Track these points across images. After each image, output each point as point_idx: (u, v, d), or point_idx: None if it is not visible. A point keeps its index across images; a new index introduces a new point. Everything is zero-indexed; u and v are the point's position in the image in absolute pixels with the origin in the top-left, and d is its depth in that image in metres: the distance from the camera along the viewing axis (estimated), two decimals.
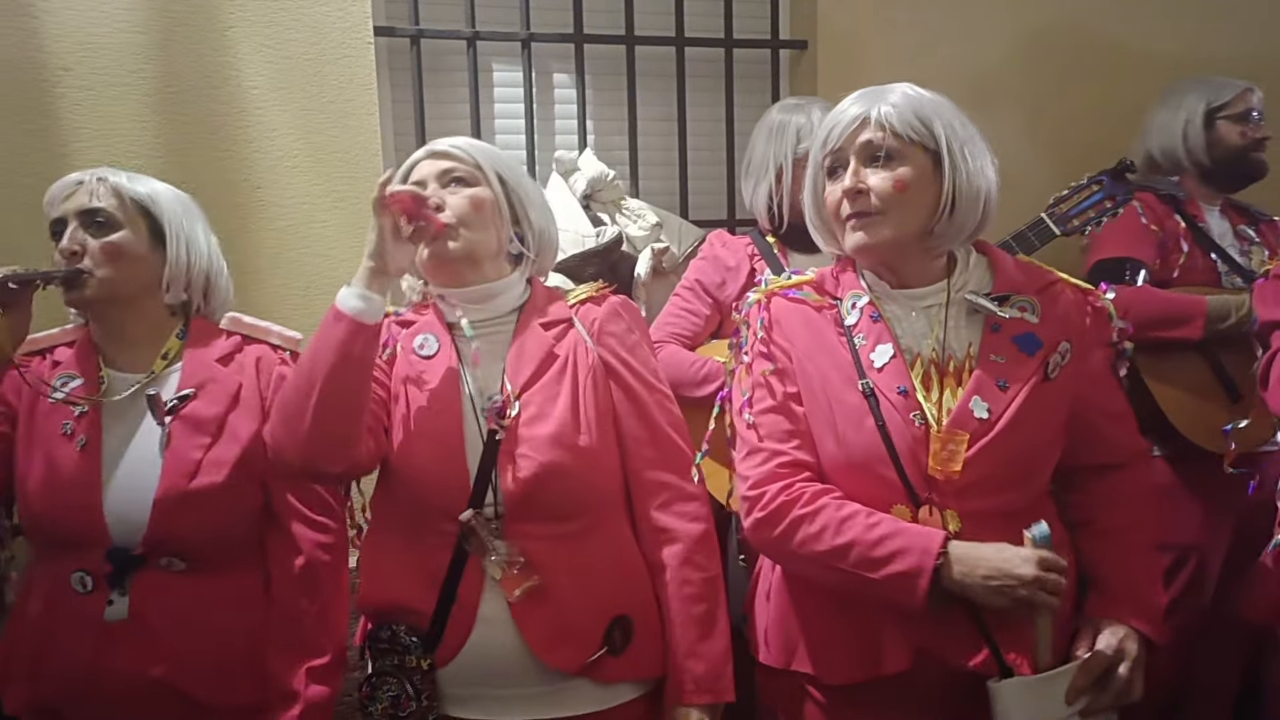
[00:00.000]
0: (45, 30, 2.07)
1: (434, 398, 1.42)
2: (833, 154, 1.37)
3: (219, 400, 1.52)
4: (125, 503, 1.45)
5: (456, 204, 1.42)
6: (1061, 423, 1.37)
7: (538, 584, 1.35)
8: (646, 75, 2.63)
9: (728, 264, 2.09)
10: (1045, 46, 2.76)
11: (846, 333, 1.39)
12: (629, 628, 1.39)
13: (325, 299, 2.21)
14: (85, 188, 1.51)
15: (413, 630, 1.36)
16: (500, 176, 1.46)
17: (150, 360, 1.54)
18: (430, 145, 1.49)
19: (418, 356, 1.45)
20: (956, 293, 1.38)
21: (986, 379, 1.33)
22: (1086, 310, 1.41)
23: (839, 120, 1.37)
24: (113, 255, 1.49)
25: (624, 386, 1.46)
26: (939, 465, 1.30)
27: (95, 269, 1.48)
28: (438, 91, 2.50)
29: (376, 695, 1.37)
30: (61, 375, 1.52)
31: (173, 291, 1.56)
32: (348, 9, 2.23)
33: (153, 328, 1.56)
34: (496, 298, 1.48)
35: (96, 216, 1.49)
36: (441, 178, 1.44)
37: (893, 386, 1.33)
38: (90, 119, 2.11)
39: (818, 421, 1.38)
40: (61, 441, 1.47)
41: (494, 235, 1.45)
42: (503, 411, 1.39)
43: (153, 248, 1.54)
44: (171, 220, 1.55)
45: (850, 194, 1.34)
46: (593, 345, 1.47)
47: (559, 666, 1.35)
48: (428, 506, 1.39)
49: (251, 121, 2.19)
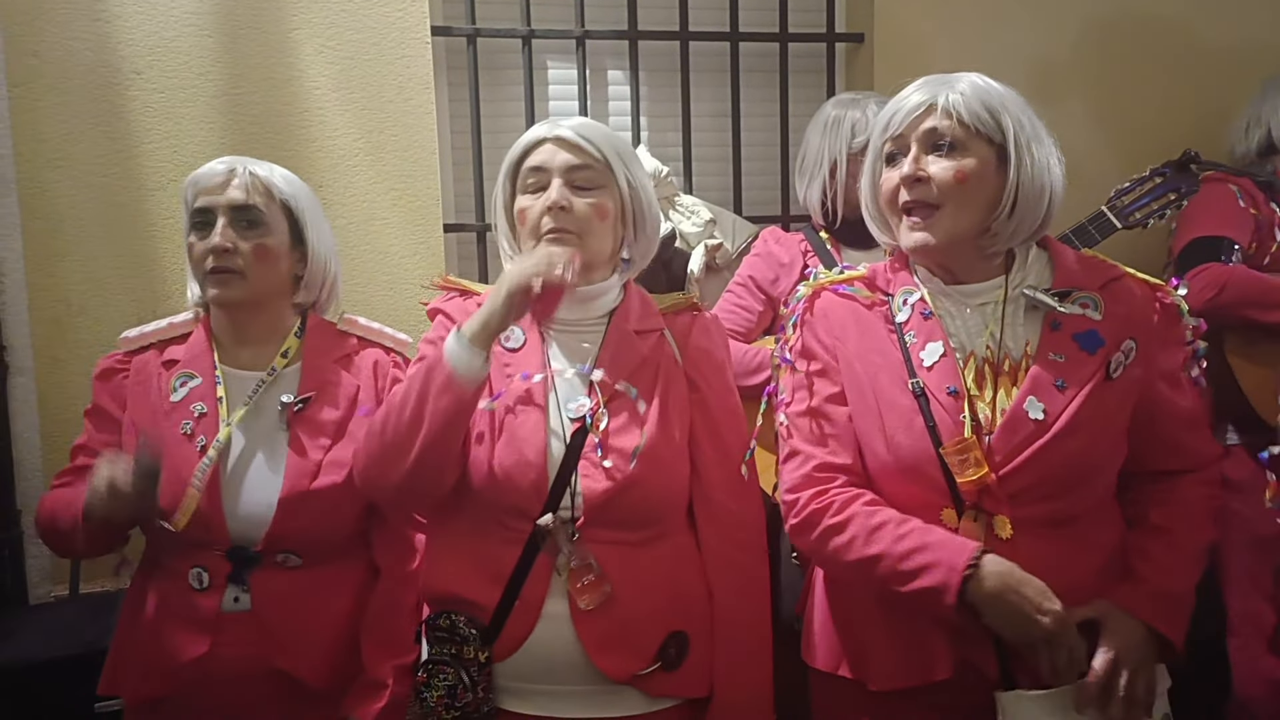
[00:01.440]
0: (118, 35, 2.14)
1: (517, 394, 1.39)
2: (894, 140, 1.34)
3: (338, 403, 1.54)
4: (248, 504, 1.47)
5: (582, 210, 1.38)
6: (1124, 426, 1.31)
7: (610, 594, 1.34)
8: (700, 71, 2.63)
9: (781, 260, 2.09)
10: (1111, 37, 2.70)
11: (898, 330, 1.36)
12: (684, 644, 1.38)
13: (384, 296, 2.29)
14: (237, 181, 1.49)
15: (472, 622, 1.36)
16: (628, 180, 1.42)
17: (268, 358, 1.54)
18: (555, 127, 1.41)
19: (503, 348, 1.42)
20: (1014, 289, 1.33)
21: (1044, 378, 1.28)
22: (1155, 307, 1.35)
23: (903, 105, 1.33)
24: (263, 257, 1.49)
25: (703, 406, 1.44)
26: (959, 475, 1.26)
27: (246, 269, 1.48)
28: (493, 90, 2.53)
29: (432, 682, 1.37)
30: (180, 374, 1.52)
31: (308, 291, 1.58)
32: (406, 9, 2.27)
33: (274, 325, 1.57)
34: (593, 300, 1.44)
35: (248, 214, 1.48)
36: (569, 173, 1.38)
37: (942, 386, 1.30)
38: (160, 120, 2.18)
39: (866, 423, 1.34)
40: (181, 442, 1.46)
41: (611, 243, 1.42)
42: (592, 418, 1.37)
43: (292, 247, 1.55)
44: (311, 220, 1.56)
45: (909, 181, 1.31)
46: (680, 359, 1.45)
47: (610, 674, 1.34)
48: (501, 504, 1.38)
49: (313, 121, 2.25)
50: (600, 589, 1.34)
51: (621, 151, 1.42)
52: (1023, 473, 1.26)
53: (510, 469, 1.35)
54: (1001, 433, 1.27)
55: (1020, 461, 1.26)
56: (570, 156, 1.38)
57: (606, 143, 1.40)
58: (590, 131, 1.40)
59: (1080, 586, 1.26)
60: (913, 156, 1.31)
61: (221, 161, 1.53)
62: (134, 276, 2.19)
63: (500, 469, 1.36)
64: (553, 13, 2.52)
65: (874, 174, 1.39)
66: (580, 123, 1.42)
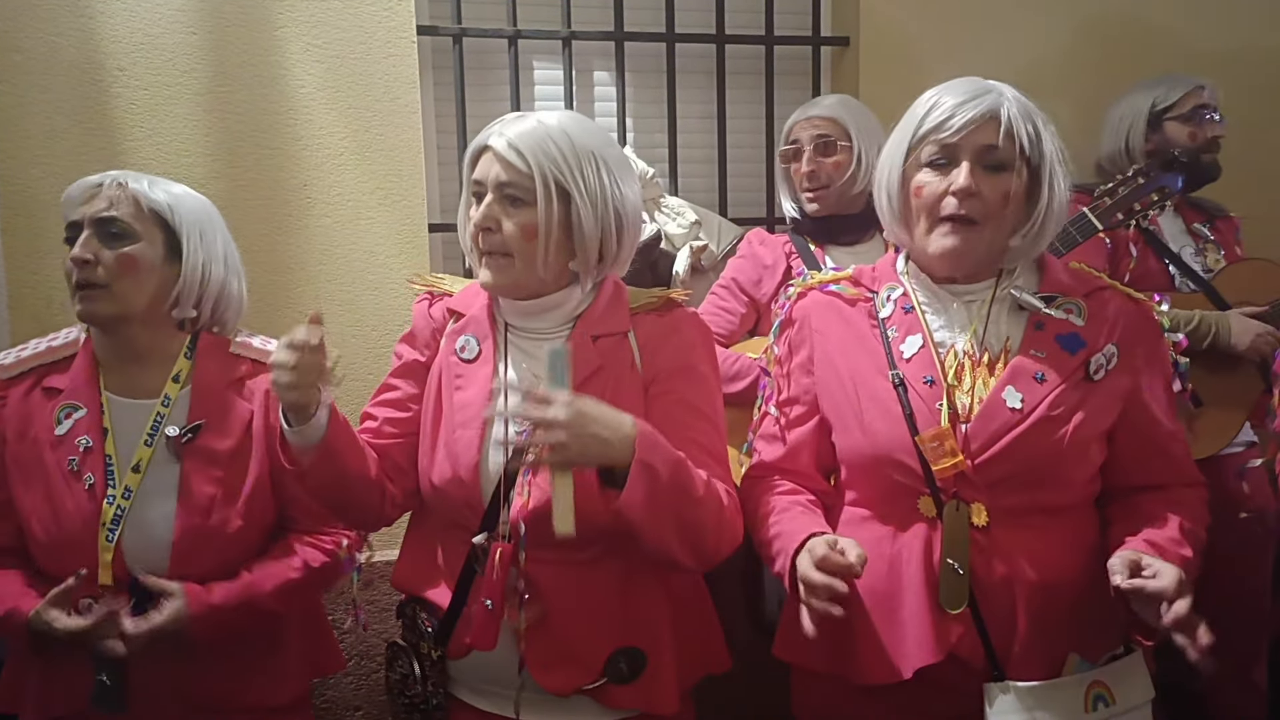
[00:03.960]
0: (102, 31, 2.13)
1: (463, 409, 1.35)
2: (944, 146, 1.30)
3: (230, 432, 1.48)
4: (143, 544, 1.42)
5: (509, 231, 1.30)
6: (1104, 428, 1.32)
7: (542, 614, 1.31)
8: (686, 73, 2.63)
9: (765, 262, 2.10)
10: (1099, 41, 2.72)
11: (880, 325, 1.38)
12: (638, 659, 1.34)
13: (371, 295, 2.29)
14: (104, 193, 1.44)
15: (430, 619, 1.38)
16: (562, 190, 1.29)
17: (156, 382, 1.48)
18: (495, 136, 1.31)
19: (458, 358, 1.38)
20: (1003, 289, 1.35)
21: (1023, 371, 1.30)
22: (1138, 320, 1.36)
23: (959, 112, 1.28)
24: (127, 267, 1.42)
25: (662, 412, 1.34)
26: (934, 463, 1.28)
27: (110, 281, 1.41)
28: (479, 90, 2.53)
29: (392, 665, 1.43)
30: (64, 405, 1.45)
31: (182, 307, 1.49)
32: (393, 8, 2.27)
33: (160, 344, 1.50)
34: (550, 310, 1.37)
35: (112, 226, 1.42)
36: (500, 189, 1.30)
37: (920, 376, 1.32)
38: (144, 118, 2.17)
39: (844, 413, 1.37)
40: (69, 479, 1.42)
41: (552, 258, 1.31)
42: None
43: (167, 260, 1.47)
44: (189, 232, 1.48)
45: (963, 194, 1.28)
46: (640, 364, 1.37)
47: (552, 689, 1.32)
48: (445, 516, 1.39)
49: (299, 120, 2.24)
50: (534, 608, 1.31)
51: (565, 164, 1.28)
52: (998, 461, 1.28)
53: (446, 485, 1.35)
54: (978, 421, 1.29)
55: (996, 450, 1.28)
56: (501, 172, 1.29)
57: (545, 155, 1.27)
58: (525, 143, 1.28)
59: (1059, 580, 1.29)
60: (968, 170, 1.28)
61: (96, 175, 1.48)
62: None
63: (439, 484, 1.36)
64: (539, 13, 2.52)
65: (904, 172, 1.34)
66: (519, 132, 1.29)
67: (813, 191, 2.07)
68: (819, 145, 2.05)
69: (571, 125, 1.32)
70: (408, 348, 1.46)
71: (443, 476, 1.35)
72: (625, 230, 1.36)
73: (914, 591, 1.30)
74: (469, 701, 1.40)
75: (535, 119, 1.31)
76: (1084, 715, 1.27)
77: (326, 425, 1.26)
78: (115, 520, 1.42)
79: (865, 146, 2.04)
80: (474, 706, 1.40)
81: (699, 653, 1.44)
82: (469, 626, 1.34)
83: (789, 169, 2.13)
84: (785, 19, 2.68)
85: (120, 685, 1.40)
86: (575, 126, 1.32)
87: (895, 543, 1.34)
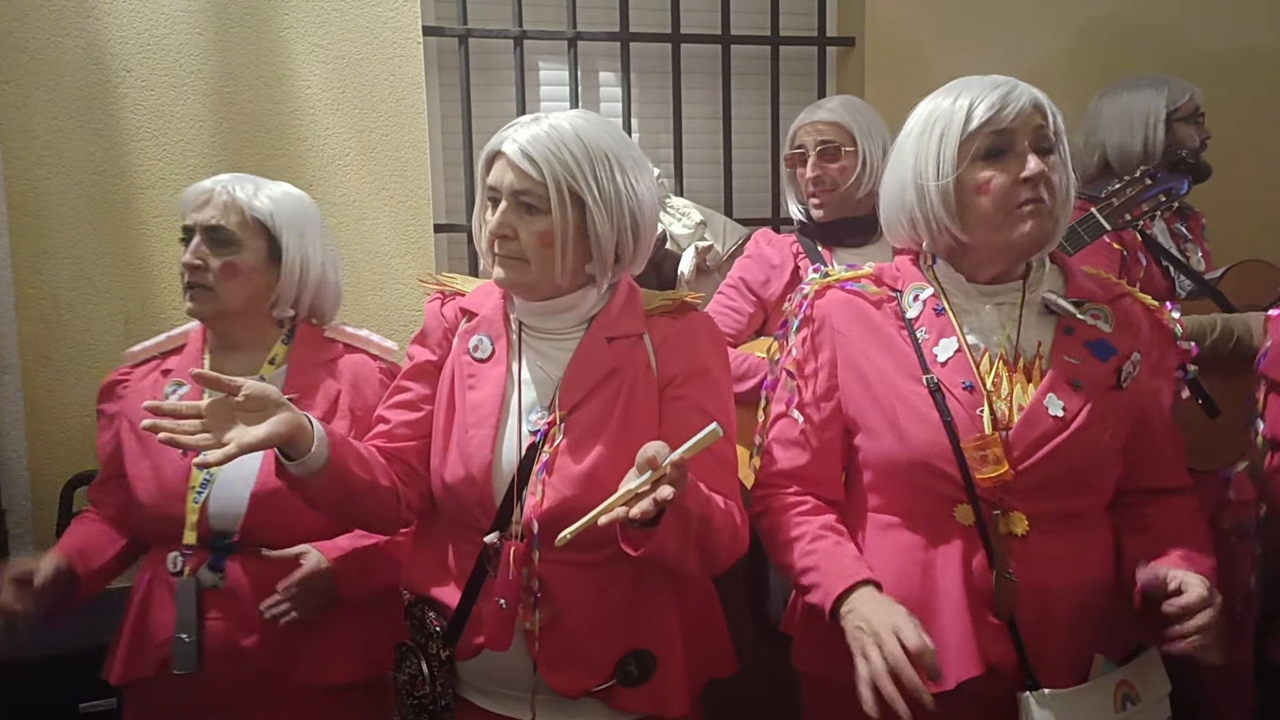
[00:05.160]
0: (108, 32, 2.14)
1: (476, 408, 1.35)
2: (999, 134, 1.25)
3: (319, 406, 1.58)
4: (223, 499, 1.52)
5: (526, 238, 1.30)
6: (1126, 435, 1.32)
7: (554, 614, 1.31)
8: (692, 73, 2.63)
9: (772, 262, 2.10)
10: (1103, 42, 2.71)
11: (908, 326, 1.35)
12: (649, 662, 1.33)
13: (374, 295, 2.29)
14: (213, 201, 1.57)
15: (439, 619, 1.37)
16: (576, 197, 1.29)
17: (256, 364, 1.61)
18: (508, 141, 1.30)
19: (470, 358, 1.38)
20: (1032, 292, 1.33)
21: (1061, 377, 1.28)
22: (1155, 328, 1.37)
23: (1012, 101, 1.25)
24: (231, 274, 1.57)
25: (675, 416, 1.34)
26: (977, 471, 1.26)
27: (215, 285, 1.56)
28: (485, 90, 2.53)
29: (401, 665, 1.42)
30: (172, 382, 1.61)
31: (280, 307, 1.63)
32: (398, 9, 2.27)
33: (259, 336, 1.64)
34: (565, 311, 1.37)
35: (219, 234, 1.56)
36: (514, 196, 1.30)
37: (957, 382, 1.29)
38: (149, 118, 2.17)
39: (873, 417, 1.34)
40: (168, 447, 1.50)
41: (568, 263, 1.31)
42: (546, 435, 1.32)
43: (269, 265, 1.60)
44: (288, 237, 1.60)
45: (1035, 180, 1.24)
46: (655, 366, 1.36)
47: (562, 691, 1.31)
48: (456, 516, 1.38)
49: (304, 120, 2.24)
50: (546, 609, 1.31)
51: (579, 169, 1.28)
52: (1040, 468, 1.26)
53: (457, 485, 1.34)
54: (1020, 428, 1.27)
55: (1039, 457, 1.26)
56: (515, 180, 1.29)
57: (558, 161, 1.27)
58: (538, 150, 1.27)
59: (1089, 583, 1.29)
60: (1033, 154, 1.25)
61: (210, 180, 1.60)
62: (122, 274, 2.18)
63: (451, 483, 1.35)
64: (544, 14, 2.52)
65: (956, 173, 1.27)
66: (531, 138, 1.28)
67: (818, 196, 2.06)
68: (823, 150, 2.04)
69: (584, 127, 1.31)
70: (420, 348, 1.45)
71: (455, 476, 1.34)
72: (641, 230, 1.35)
73: (952, 602, 1.28)
74: (476, 703, 1.39)
75: (548, 123, 1.30)
76: (1115, 715, 1.26)
77: (328, 453, 1.24)
78: (204, 485, 1.53)
79: (870, 149, 2.03)
80: (482, 708, 1.39)
81: (707, 655, 1.43)
82: (480, 626, 1.33)
83: (795, 173, 2.13)
84: (790, 19, 2.68)
85: (199, 644, 1.50)
86: (588, 128, 1.31)
87: (928, 552, 1.31)
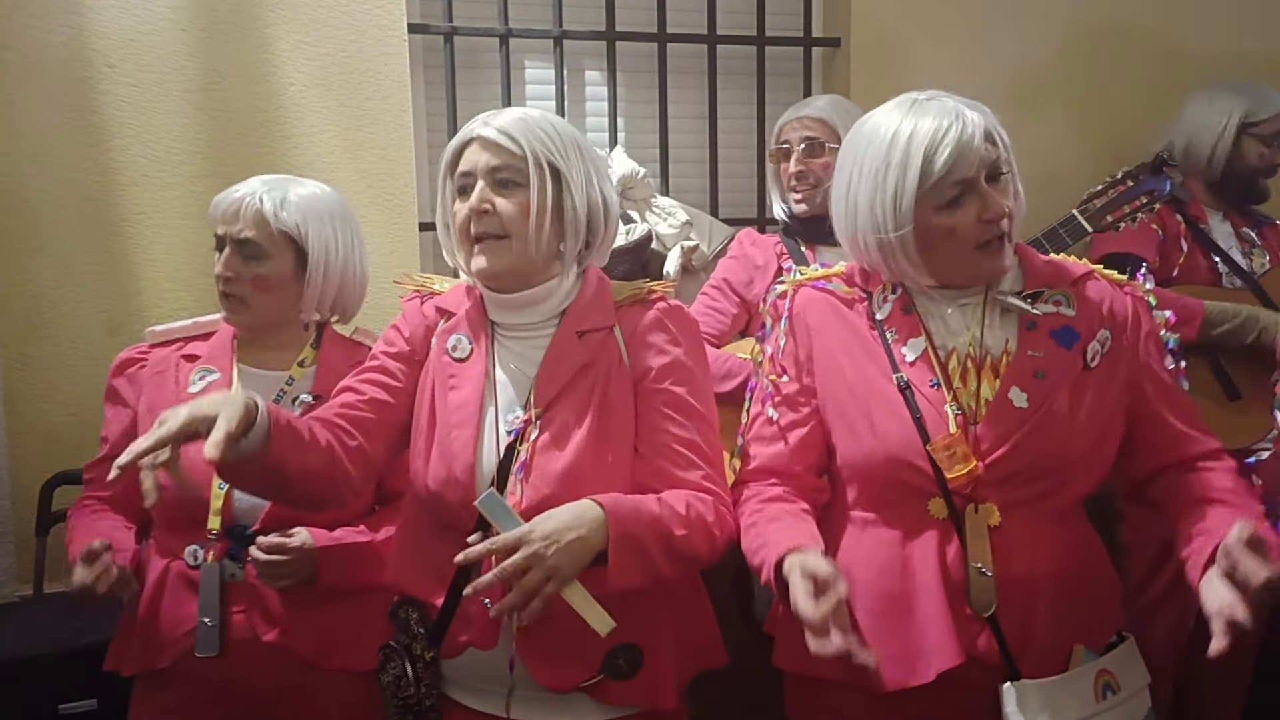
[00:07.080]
0: (92, 28, 2.12)
1: (456, 409, 1.36)
2: (958, 183, 1.27)
3: None
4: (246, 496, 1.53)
5: (506, 210, 1.31)
6: (1108, 414, 1.33)
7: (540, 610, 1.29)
8: (678, 73, 2.64)
9: (756, 262, 2.11)
10: (1091, 43, 2.73)
11: (879, 327, 1.38)
12: (636, 655, 1.34)
13: None
14: (242, 214, 1.59)
15: (423, 620, 1.38)
16: (554, 169, 1.32)
17: (284, 364, 1.66)
18: (482, 126, 1.34)
19: (450, 358, 1.39)
20: (992, 292, 1.36)
21: (1024, 370, 1.31)
22: (1125, 301, 1.38)
23: (965, 143, 1.25)
24: (261, 287, 1.60)
25: (652, 409, 1.36)
26: (948, 470, 1.28)
27: (247, 298, 1.60)
28: (471, 89, 2.53)
29: (385, 666, 1.42)
30: (200, 369, 1.63)
31: (306, 314, 1.68)
32: (384, 6, 2.27)
33: (289, 337, 1.69)
34: (540, 303, 1.38)
35: (247, 248, 1.59)
36: (491, 174, 1.32)
37: (925, 380, 1.32)
38: (134, 115, 2.16)
39: (850, 413, 1.36)
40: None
41: (548, 240, 1.34)
42: (522, 434, 1.33)
43: (297, 273, 1.63)
44: (315, 248, 1.62)
45: (999, 215, 1.28)
46: (627, 357, 1.38)
47: (550, 686, 1.32)
48: (440, 517, 1.37)
49: (290, 118, 2.24)
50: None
51: (555, 146, 1.33)
52: (1008, 460, 1.28)
53: (440, 486, 1.34)
54: (986, 422, 1.30)
55: (1006, 449, 1.28)
56: (491, 157, 1.32)
57: (535, 138, 1.32)
58: (516, 128, 1.32)
59: (1068, 572, 1.30)
60: (991, 192, 1.28)
61: (240, 188, 1.61)
62: (106, 272, 2.17)
63: (434, 484, 1.35)
64: (530, 12, 2.52)
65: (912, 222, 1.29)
66: (510, 119, 1.33)
67: (800, 191, 2.08)
68: (808, 146, 2.06)
69: (553, 117, 1.38)
70: (397, 333, 1.46)
71: (438, 478, 1.34)
72: (609, 217, 1.40)
73: (929, 594, 1.29)
74: (462, 701, 1.40)
75: (519, 110, 1.37)
76: (1096, 705, 1.28)
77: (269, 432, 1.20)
78: None
79: None
80: (467, 706, 1.39)
81: (695, 648, 1.44)
82: (467, 625, 1.33)
83: (779, 169, 2.14)
84: (777, 20, 2.69)
85: (222, 628, 1.54)
86: (556, 119, 1.39)
87: (905, 546, 1.32)
